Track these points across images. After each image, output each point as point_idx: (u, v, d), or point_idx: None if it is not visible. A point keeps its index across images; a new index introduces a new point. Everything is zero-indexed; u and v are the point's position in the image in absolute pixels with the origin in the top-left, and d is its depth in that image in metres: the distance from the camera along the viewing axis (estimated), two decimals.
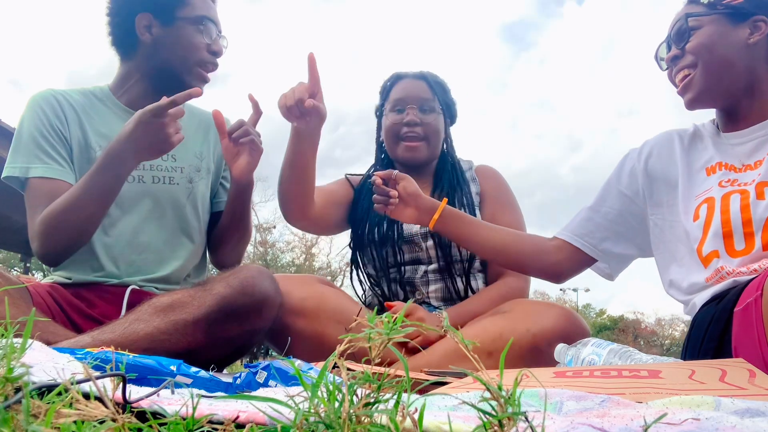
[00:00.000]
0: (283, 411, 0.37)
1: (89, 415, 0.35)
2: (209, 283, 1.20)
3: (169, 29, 1.39)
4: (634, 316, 27.83)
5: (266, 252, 22.11)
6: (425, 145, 1.64)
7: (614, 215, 1.29)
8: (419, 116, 1.63)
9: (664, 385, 0.65)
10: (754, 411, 0.49)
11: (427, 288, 1.59)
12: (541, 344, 1.25)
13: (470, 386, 0.70)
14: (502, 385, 0.33)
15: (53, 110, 1.37)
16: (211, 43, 1.42)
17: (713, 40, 1.14)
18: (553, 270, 1.34)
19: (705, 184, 1.17)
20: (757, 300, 0.90)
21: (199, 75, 1.43)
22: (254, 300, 1.19)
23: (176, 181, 1.44)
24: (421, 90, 1.66)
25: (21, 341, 0.43)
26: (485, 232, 1.37)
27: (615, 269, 1.33)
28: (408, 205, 1.37)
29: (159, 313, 1.15)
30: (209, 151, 1.52)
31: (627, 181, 1.28)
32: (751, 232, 1.05)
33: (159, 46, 1.40)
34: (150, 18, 1.38)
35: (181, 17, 1.39)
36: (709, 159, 1.19)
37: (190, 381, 0.80)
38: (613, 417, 0.46)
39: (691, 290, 1.14)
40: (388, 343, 0.38)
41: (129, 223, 1.39)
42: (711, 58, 1.14)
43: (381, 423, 0.33)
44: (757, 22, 1.13)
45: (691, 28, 1.17)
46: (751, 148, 1.14)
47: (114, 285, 1.36)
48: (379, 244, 1.61)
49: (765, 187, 1.07)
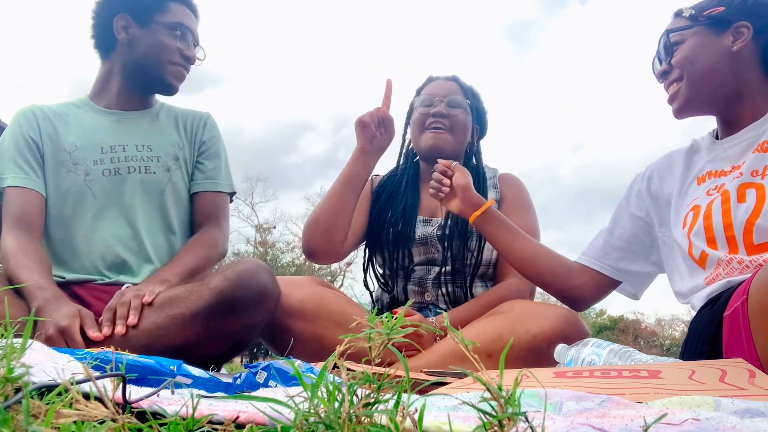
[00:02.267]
0: (283, 411, 0.37)
1: (89, 416, 0.35)
2: (207, 278, 1.21)
3: (145, 30, 1.44)
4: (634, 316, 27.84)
5: (266, 252, 22.12)
6: (450, 137, 1.65)
7: (628, 235, 1.32)
8: (446, 109, 1.65)
9: (664, 386, 0.65)
10: (754, 411, 0.49)
11: (437, 290, 1.59)
12: (541, 345, 1.25)
13: (470, 386, 0.70)
14: (502, 386, 0.33)
15: (29, 124, 1.44)
16: (184, 48, 1.47)
17: (696, 53, 1.16)
18: (577, 293, 1.35)
19: (695, 194, 1.19)
20: (743, 304, 0.90)
21: (173, 72, 1.47)
22: (252, 292, 1.19)
23: (153, 170, 1.46)
24: (452, 88, 1.70)
25: (21, 341, 0.43)
26: (520, 241, 1.40)
27: (638, 288, 1.36)
28: (455, 195, 1.42)
29: (157, 309, 1.16)
30: (184, 142, 1.54)
31: (635, 203, 1.32)
32: (733, 236, 1.07)
33: (134, 45, 1.45)
34: (128, 19, 1.45)
35: (158, 21, 1.45)
36: (700, 169, 1.22)
37: (190, 381, 0.80)
38: (613, 417, 0.46)
39: (691, 293, 1.15)
40: (388, 344, 0.38)
41: (108, 216, 1.42)
42: (694, 70, 1.16)
43: (381, 423, 0.33)
44: (740, 28, 1.14)
45: (674, 43, 1.19)
46: (741, 149, 1.15)
47: (107, 284, 1.38)
48: (393, 244, 1.62)
49: (747, 188, 1.08)
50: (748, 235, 1.04)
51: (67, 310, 1.12)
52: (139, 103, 1.53)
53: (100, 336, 1.10)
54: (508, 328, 1.29)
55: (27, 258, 1.26)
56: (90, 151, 1.43)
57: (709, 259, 1.09)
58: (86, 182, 1.41)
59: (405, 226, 1.61)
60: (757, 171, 1.09)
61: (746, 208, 1.05)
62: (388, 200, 1.69)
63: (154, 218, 1.45)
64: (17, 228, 1.33)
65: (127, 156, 1.44)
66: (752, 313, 0.87)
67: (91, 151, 1.43)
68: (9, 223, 1.34)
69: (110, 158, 1.44)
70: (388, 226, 1.64)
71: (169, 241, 1.47)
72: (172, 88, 1.50)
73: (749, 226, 1.04)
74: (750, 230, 1.04)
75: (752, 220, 1.04)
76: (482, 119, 1.77)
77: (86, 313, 1.14)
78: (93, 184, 1.42)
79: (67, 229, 1.41)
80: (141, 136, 1.48)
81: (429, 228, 1.62)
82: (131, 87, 1.50)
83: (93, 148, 1.43)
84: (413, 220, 1.63)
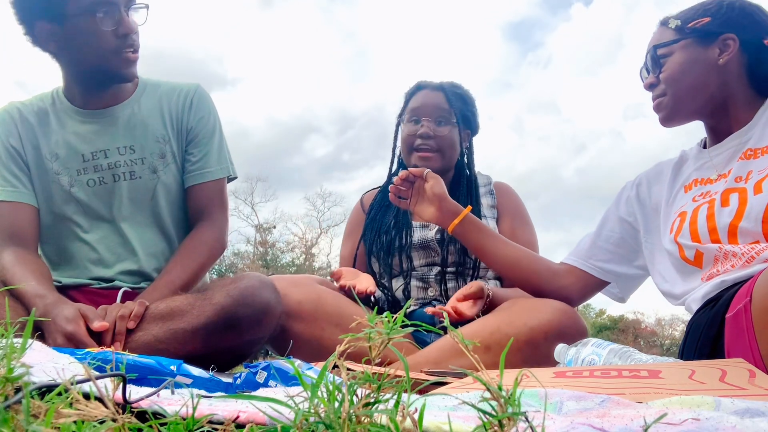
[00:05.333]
0: (283, 411, 0.37)
1: (89, 415, 0.35)
2: (209, 291, 1.19)
3: (67, 30, 1.28)
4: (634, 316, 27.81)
5: (266, 252, 22.11)
6: (438, 157, 1.66)
7: (616, 238, 1.33)
8: (433, 128, 1.65)
9: (664, 385, 0.65)
10: (754, 411, 0.49)
11: (441, 286, 1.59)
12: (539, 338, 1.25)
13: (470, 386, 0.70)
14: (502, 385, 0.33)
15: (8, 130, 1.38)
16: (115, 27, 1.28)
17: (683, 69, 1.17)
18: (564, 293, 1.36)
19: (682, 201, 1.20)
20: (747, 306, 0.90)
21: (123, 62, 1.32)
22: (254, 310, 1.18)
23: (138, 175, 1.39)
24: (438, 101, 1.68)
25: (21, 341, 0.43)
26: (502, 246, 1.40)
27: (625, 291, 1.37)
28: (432, 204, 1.40)
29: (157, 321, 1.15)
30: (169, 135, 1.42)
31: (624, 208, 1.34)
32: (717, 239, 1.08)
33: (66, 50, 1.32)
34: (46, 25, 1.28)
35: (73, 13, 1.26)
36: (687, 177, 1.23)
37: (190, 381, 0.80)
38: (613, 417, 0.46)
39: (685, 294, 1.16)
40: (388, 343, 0.38)
41: (101, 226, 1.39)
42: (680, 86, 1.17)
43: (381, 423, 0.33)
44: (726, 40, 1.14)
45: (660, 57, 1.20)
46: (726, 157, 1.17)
47: (104, 288, 1.36)
48: (386, 251, 1.63)
49: (730, 193, 1.09)
50: (732, 237, 1.06)
51: (69, 314, 1.11)
52: (112, 98, 1.40)
53: (106, 325, 1.10)
54: (506, 321, 1.30)
55: (25, 270, 1.25)
56: (71, 160, 1.37)
57: (706, 257, 1.09)
58: (72, 193, 1.37)
59: (399, 232, 1.63)
60: (741, 177, 1.10)
61: (729, 212, 1.06)
62: (380, 209, 1.71)
63: (145, 225, 1.41)
64: (12, 244, 1.31)
65: (110, 163, 1.37)
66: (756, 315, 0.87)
67: (73, 160, 1.37)
68: (3, 240, 1.32)
69: (93, 167, 1.37)
70: (382, 234, 1.65)
71: (165, 243, 1.44)
72: (126, 77, 1.36)
73: (733, 229, 1.06)
74: (734, 233, 1.05)
75: (735, 223, 1.05)
76: (472, 123, 1.76)
77: (86, 309, 1.13)
78: (79, 194, 1.38)
79: (59, 239, 1.40)
80: (122, 136, 1.39)
81: (428, 232, 1.62)
82: (90, 88, 1.38)
83: (74, 156, 1.37)
84: (408, 227, 1.64)
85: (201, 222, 1.42)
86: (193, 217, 1.44)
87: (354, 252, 1.72)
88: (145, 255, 1.41)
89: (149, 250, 1.42)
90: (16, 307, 1.17)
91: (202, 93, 1.47)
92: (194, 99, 1.45)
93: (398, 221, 1.66)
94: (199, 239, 1.39)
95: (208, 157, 1.43)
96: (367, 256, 1.68)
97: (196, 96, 1.45)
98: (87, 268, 1.38)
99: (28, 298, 1.18)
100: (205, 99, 1.47)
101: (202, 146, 1.44)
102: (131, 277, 1.40)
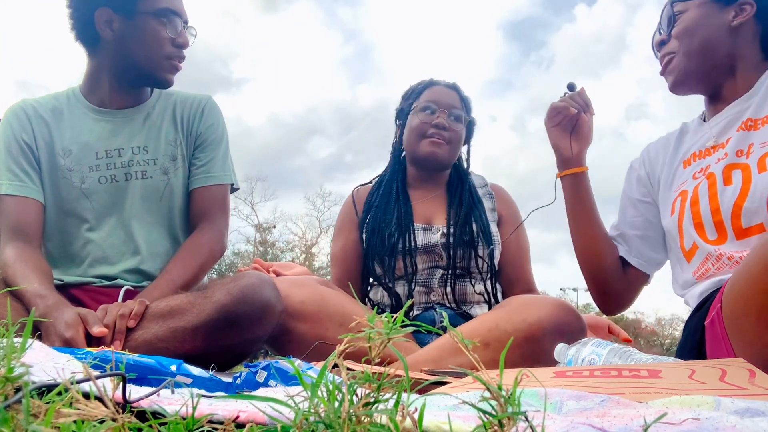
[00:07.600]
0: (283, 411, 0.37)
1: (89, 415, 0.35)
2: (209, 290, 1.19)
3: (131, 24, 1.34)
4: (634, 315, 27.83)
5: (266, 252, 22.11)
6: (448, 149, 1.66)
7: (641, 221, 1.28)
8: (449, 122, 1.66)
9: (664, 385, 0.65)
10: (754, 411, 0.49)
11: (443, 290, 1.59)
12: (537, 334, 1.25)
13: (470, 386, 0.70)
14: (502, 385, 0.33)
15: (22, 126, 1.39)
16: (175, 36, 1.38)
17: (697, 24, 1.15)
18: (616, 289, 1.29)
19: (681, 177, 1.18)
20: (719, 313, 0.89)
21: (167, 67, 1.40)
22: (254, 309, 1.18)
23: (149, 175, 1.42)
24: (453, 98, 1.70)
25: (21, 341, 0.43)
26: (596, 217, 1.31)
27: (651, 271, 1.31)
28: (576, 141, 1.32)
29: (158, 320, 1.14)
30: (180, 138, 1.47)
31: (638, 189, 1.30)
32: (721, 221, 1.05)
33: (122, 41, 1.36)
34: (110, 13, 1.33)
35: (143, 11, 1.34)
36: (686, 151, 1.21)
37: (190, 381, 0.80)
38: (613, 417, 0.46)
39: (684, 287, 1.15)
40: (388, 343, 0.38)
41: (109, 223, 1.40)
42: (692, 41, 1.16)
43: (381, 423, 0.33)
44: (744, 5, 1.13)
45: (676, 13, 1.18)
46: (725, 125, 1.14)
47: (106, 287, 1.37)
48: (390, 254, 1.61)
49: (732, 170, 1.06)
50: (736, 219, 1.03)
51: (69, 318, 1.10)
52: (133, 100, 1.46)
53: (105, 331, 1.10)
54: (504, 317, 1.30)
55: (26, 268, 1.25)
56: (84, 156, 1.39)
57: (698, 253, 1.08)
58: (82, 190, 1.39)
59: (402, 234, 1.61)
60: (741, 150, 1.07)
61: (733, 191, 1.04)
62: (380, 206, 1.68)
63: (154, 224, 1.43)
64: (15, 239, 1.32)
65: (123, 161, 1.40)
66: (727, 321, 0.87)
67: (86, 156, 1.39)
68: (6, 234, 1.32)
69: (106, 164, 1.40)
70: (385, 237, 1.62)
71: (170, 244, 1.45)
72: (167, 82, 1.43)
73: (737, 210, 1.03)
74: (738, 214, 1.03)
75: (740, 203, 1.03)
76: (472, 128, 1.78)
77: (86, 313, 1.13)
78: (90, 192, 1.39)
79: (64, 235, 1.40)
80: (136, 137, 1.43)
81: (432, 236, 1.61)
82: (124, 85, 1.42)
83: (87, 153, 1.39)
84: (410, 229, 1.62)
85: (202, 224, 1.44)
86: (195, 220, 1.46)
87: (346, 250, 1.70)
88: (148, 254, 1.41)
89: (154, 249, 1.42)
90: (16, 306, 1.17)
91: (213, 104, 1.54)
92: (206, 108, 1.51)
93: (400, 223, 1.63)
94: (200, 240, 1.41)
95: (213, 162, 1.48)
96: (366, 256, 1.67)
97: (207, 105, 1.51)
98: (90, 266, 1.38)
99: (29, 298, 1.18)
100: (215, 109, 1.53)
101: (209, 151, 1.48)
102: (134, 276, 1.40)
